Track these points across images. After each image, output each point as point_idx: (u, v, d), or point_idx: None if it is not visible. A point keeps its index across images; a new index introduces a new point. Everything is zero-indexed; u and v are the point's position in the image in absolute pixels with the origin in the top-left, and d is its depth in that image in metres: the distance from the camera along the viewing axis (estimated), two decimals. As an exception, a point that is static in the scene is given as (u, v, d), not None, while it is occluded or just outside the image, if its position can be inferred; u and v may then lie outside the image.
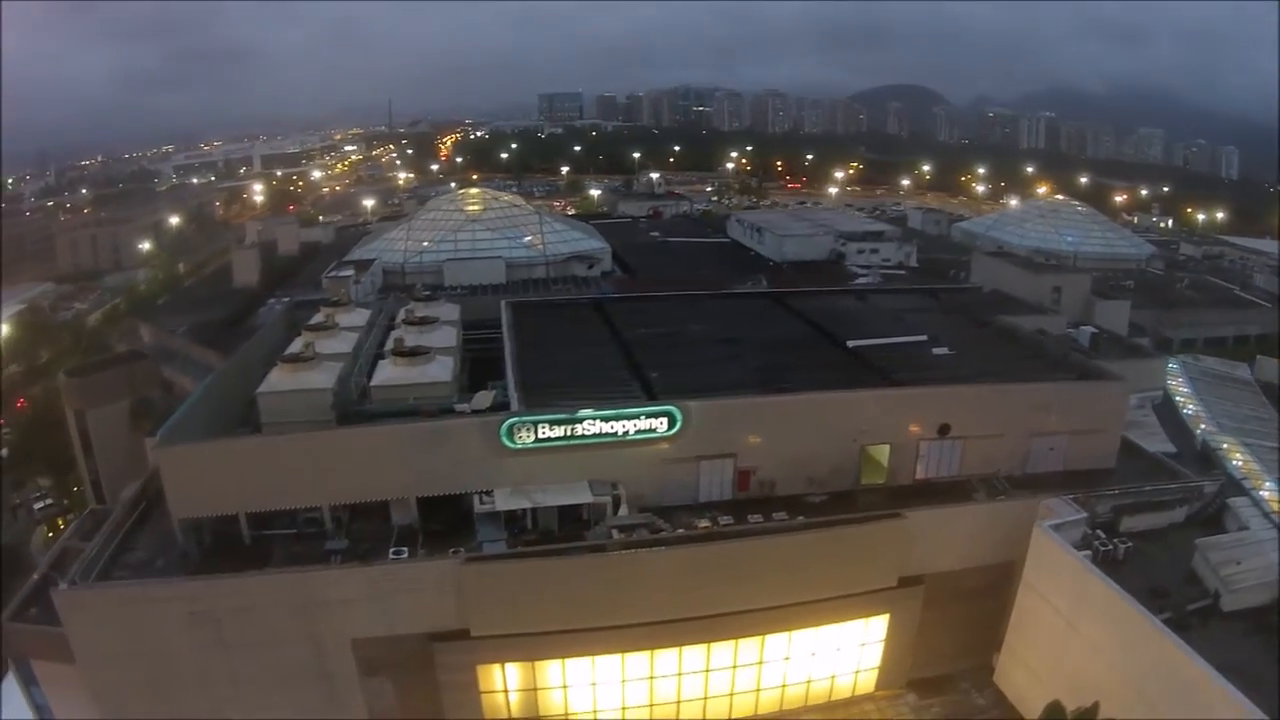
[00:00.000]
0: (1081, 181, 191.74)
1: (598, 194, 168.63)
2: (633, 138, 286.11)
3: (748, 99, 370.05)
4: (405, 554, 33.46)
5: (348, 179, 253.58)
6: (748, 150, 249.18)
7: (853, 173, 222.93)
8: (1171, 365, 58.27)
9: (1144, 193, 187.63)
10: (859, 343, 46.36)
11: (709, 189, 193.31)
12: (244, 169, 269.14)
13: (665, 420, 35.68)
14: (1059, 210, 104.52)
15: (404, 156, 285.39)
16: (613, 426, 35.29)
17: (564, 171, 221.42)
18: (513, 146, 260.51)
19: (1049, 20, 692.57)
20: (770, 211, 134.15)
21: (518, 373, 40.25)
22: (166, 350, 64.26)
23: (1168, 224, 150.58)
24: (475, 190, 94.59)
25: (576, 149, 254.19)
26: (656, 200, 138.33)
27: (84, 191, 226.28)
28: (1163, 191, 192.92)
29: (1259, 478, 42.15)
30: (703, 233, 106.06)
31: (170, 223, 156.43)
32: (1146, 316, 73.02)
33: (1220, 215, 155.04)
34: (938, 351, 45.50)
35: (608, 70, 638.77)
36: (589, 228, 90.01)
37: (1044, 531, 32.90)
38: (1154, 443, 43.80)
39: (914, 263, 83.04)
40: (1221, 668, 25.16)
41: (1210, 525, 35.68)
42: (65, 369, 60.28)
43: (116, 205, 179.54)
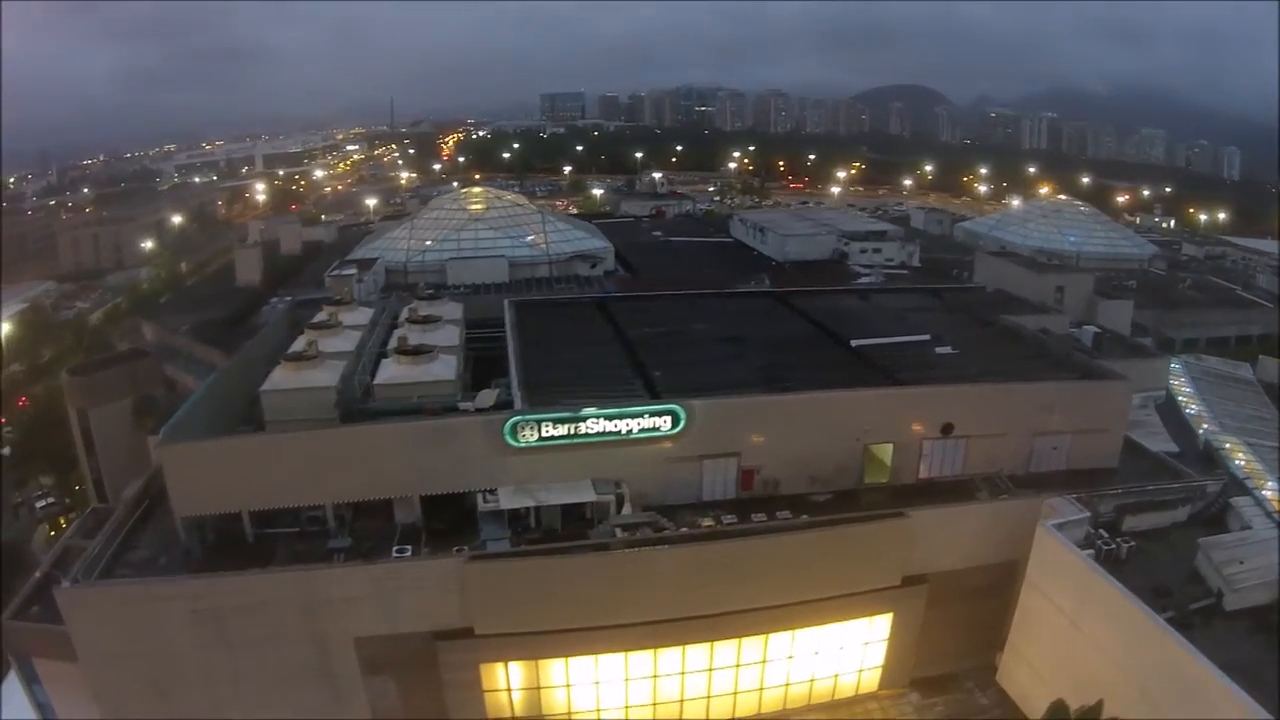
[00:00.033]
0: (1083, 182, 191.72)
1: (600, 194, 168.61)
2: (635, 137, 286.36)
3: (750, 99, 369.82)
4: (409, 552, 33.37)
5: (350, 178, 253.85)
6: (750, 150, 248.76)
7: (855, 173, 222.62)
8: (1174, 365, 58.18)
9: (1146, 193, 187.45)
10: (862, 342, 46.32)
11: (711, 189, 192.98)
12: (246, 168, 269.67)
13: (669, 419, 35.63)
14: (1062, 210, 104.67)
15: (406, 156, 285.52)
16: (616, 425, 35.23)
17: (566, 171, 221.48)
18: (515, 146, 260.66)
19: (1050, 20, 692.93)
20: (773, 211, 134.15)
21: (521, 371, 40.21)
22: (169, 349, 64.49)
23: (1170, 224, 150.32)
24: (478, 189, 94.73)
25: (579, 149, 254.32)
26: (659, 200, 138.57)
27: (86, 190, 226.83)
28: (1165, 192, 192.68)
29: (1261, 477, 42.12)
30: (705, 232, 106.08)
31: (172, 222, 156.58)
32: (1149, 316, 73.27)
33: (1222, 216, 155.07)
34: (941, 351, 45.45)
35: (610, 70, 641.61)
36: (591, 227, 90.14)
37: (1047, 531, 32.86)
38: (1157, 442, 43.74)
39: (917, 262, 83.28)
40: (1224, 667, 25.14)
41: (1213, 525, 35.70)
42: (67, 367, 60.44)
43: (118, 204, 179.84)
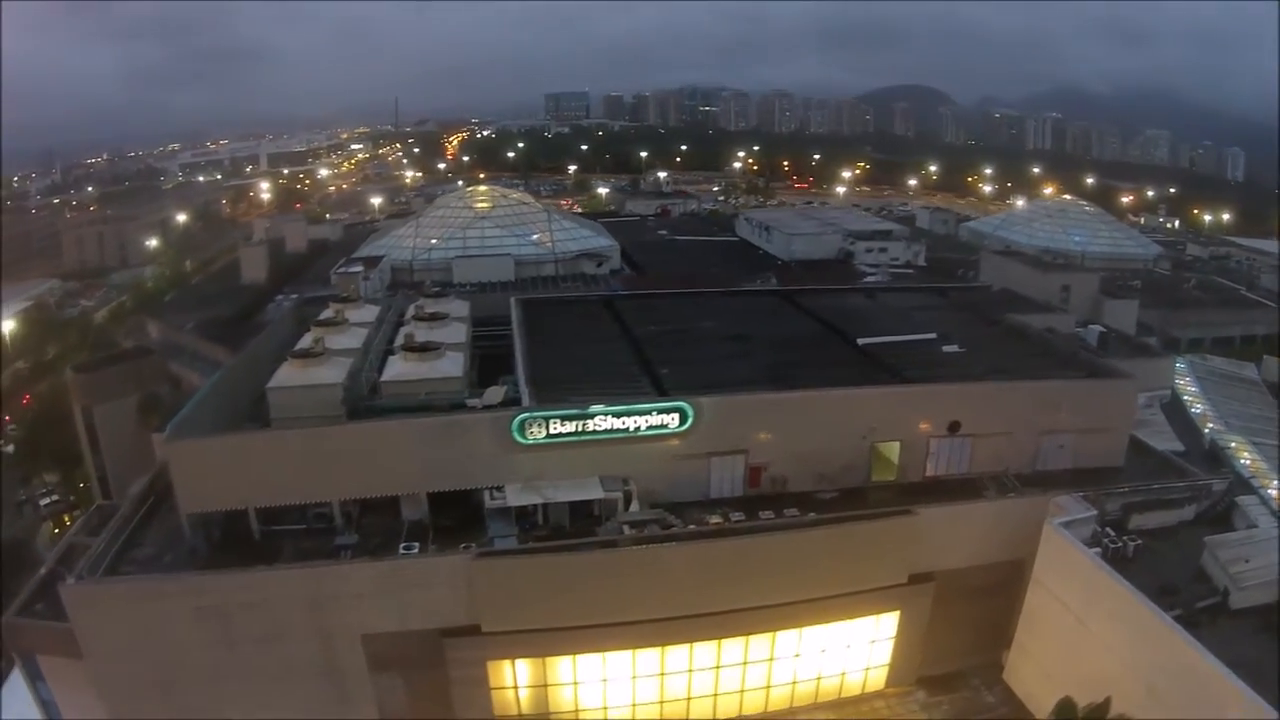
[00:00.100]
0: (1088, 182, 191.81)
1: (605, 193, 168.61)
2: (639, 137, 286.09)
3: (754, 99, 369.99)
4: (416, 549, 33.37)
5: (354, 177, 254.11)
6: (754, 150, 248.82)
7: (859, 173, 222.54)
8: (1179, 364, 58.24)
9: (1150, 193, 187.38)
10: (869, 340, 46.30)
11: (716, 188, 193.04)
12: (250, 167, 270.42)
13: (677, 416, 35.64)
14: (1067, 210, 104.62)
15: (410, 155, 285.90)
16: (624, 422, 35.25)
17: (571, 171, 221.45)
18: (519, 146, 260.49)
19: (1054, 21, 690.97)
20: (778, 210, 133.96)
21: (528, 368, 40.22)
22: (174, 346, 64.54)
23: (1174, 225, 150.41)
24: (484, 188, 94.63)
25: (583, 148, 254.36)
26: (664, 199, 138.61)
27: (90, 189, 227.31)
28: (1169, 192, 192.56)
29: (1266, 476, 42.23)
30: (711, 231, 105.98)
31: (176, 220, 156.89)
32: (1154, 316, 73.26)
33: (1226, 216, 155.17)
34: (947, 349, 45.47)
35: (614, 70, 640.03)
36: (597, 226, 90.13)
37: (1054, 529, 32.82)
38: (1162, 441, 43.74)
39: (922, 262, 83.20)
40: (1231, 664, 25.14)
41: (1219, 523, 35.59)
42: (72, 365, 60.52)
43: (123, 203, 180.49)
